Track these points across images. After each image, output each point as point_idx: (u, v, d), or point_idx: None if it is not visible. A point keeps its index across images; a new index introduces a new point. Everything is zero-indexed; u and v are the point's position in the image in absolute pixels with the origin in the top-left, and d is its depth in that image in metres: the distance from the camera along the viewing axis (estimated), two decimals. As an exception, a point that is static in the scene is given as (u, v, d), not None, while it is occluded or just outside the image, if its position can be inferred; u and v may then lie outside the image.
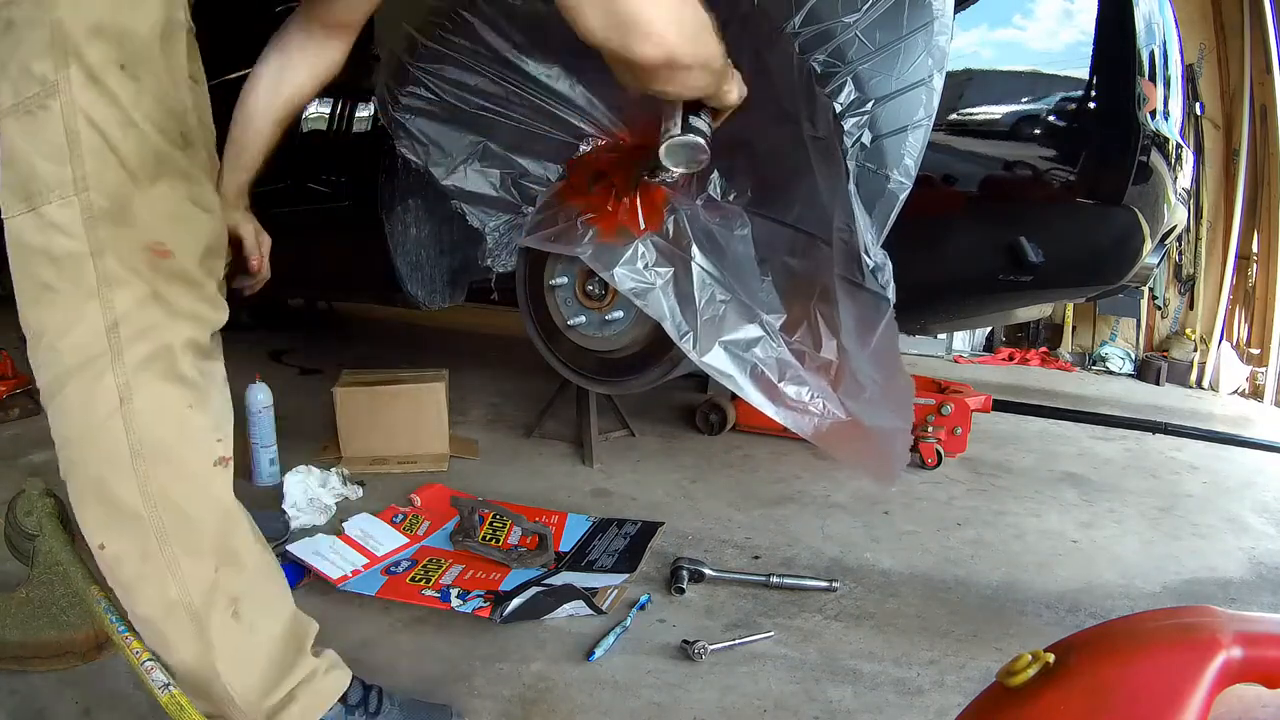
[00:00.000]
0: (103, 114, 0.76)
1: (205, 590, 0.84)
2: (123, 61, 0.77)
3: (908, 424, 1.26)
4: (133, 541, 0.82)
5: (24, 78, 0.74)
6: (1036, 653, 0.50)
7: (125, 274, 0.79)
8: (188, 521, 0.83)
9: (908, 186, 1.19)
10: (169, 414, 0.83)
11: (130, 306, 0.79)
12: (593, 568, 1.48)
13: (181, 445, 0.84)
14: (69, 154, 0.76)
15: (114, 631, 0.94)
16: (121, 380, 0.79)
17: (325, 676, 0.94)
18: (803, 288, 1.40)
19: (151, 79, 0.79)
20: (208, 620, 0.84)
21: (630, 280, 1.48)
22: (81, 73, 0.74)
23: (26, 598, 1.13)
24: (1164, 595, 1.53)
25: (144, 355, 0.80)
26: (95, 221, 0.77)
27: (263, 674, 0.88)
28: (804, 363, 1.38)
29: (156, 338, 0.81)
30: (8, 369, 2.48)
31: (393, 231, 1.98)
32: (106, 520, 0.83)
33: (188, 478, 0.84)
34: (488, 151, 1.72)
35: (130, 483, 0.81)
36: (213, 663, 0.85)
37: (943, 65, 1.16)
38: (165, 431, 0.82)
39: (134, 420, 0.80)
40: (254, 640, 0.88)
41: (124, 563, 0.83)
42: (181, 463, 0.84)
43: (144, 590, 0.84)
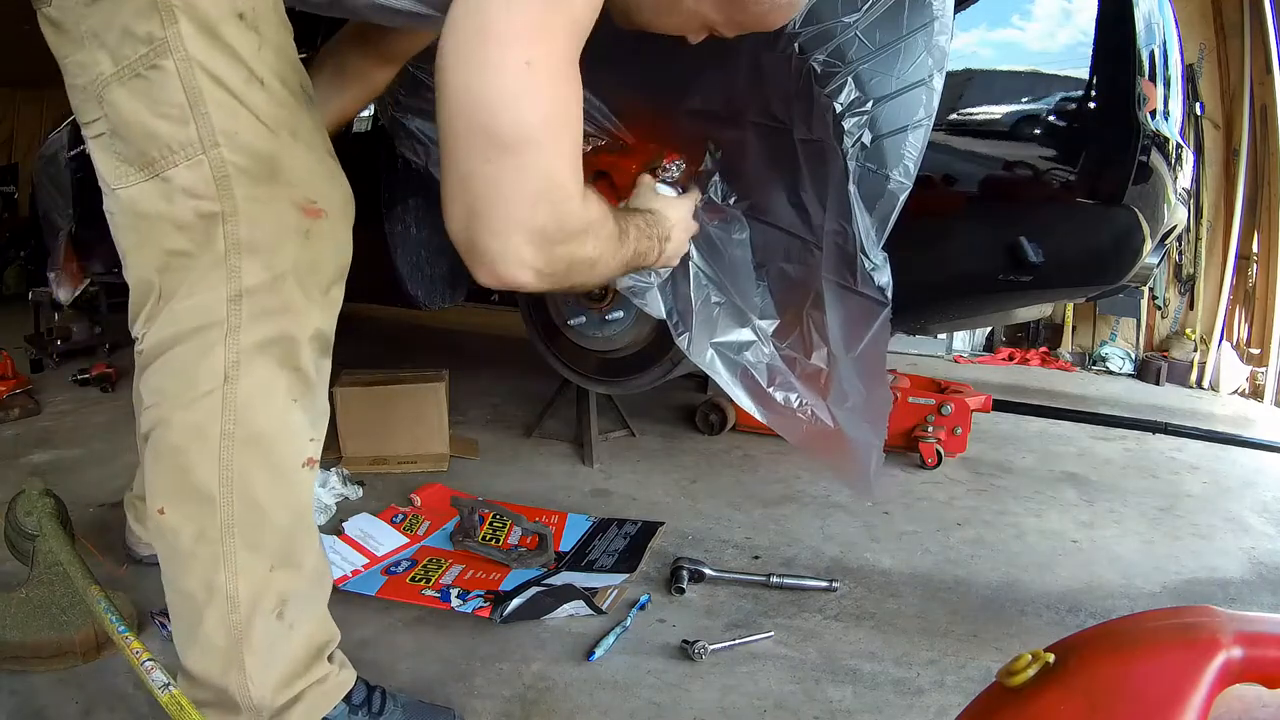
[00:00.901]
0: (225, 67, 0.71)
1: (255, 587, 0.81)
2: (241, 10, 0.71)
3: (880, 439, 1.25)
4: (195, 520, 0.79)
5: (126, 41, 0.69)
6: (1036, 653, 0.50)
7: (261, 240, 0.74)
8: (259, 516, 0.80)
9: (908, 187, 1.18)
10: (273, 404, 0.79)
11: (261, 280, 0.75)
12: (593, 568, 1.48)
13: (276, 439, 0.80)
14: (192, 112, 0.70)
15: (114, 631, 0.94)
16: (232, 358, 0.75)
17: (337, 676, 0.94)
18: (797, 293, 1.40)
19: (271, 29, 0.74)
20: (251, 615, 0.82)
21: (629, 279, 1.48)
22: (193, 25, 0.69)
23: (26, 598, 1.13)
24: (1164, 595, 1.53)
25: (263, 337, 0.76)
26: (230, 180, 0.72)
27: (283, 674, 0.86)
28: (795, 369, 1.38)
29: (281, 322, 0.77)
30: (8, 369, 2.48)
31: (393, 231, 1.97)
32: (174, 490, 0.79)
33: (273, 473, 0.80)
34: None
35: (211, 463, 0.77)
36: (241, 655, 0.83)
37: (943, 65, 1.16)
38: (264, 421, 0.78)
39: (234, 401, 0.76)
40: (287, 642, 0.86)
41: (180, 535, 0.80)
42: (271, 456, 0.80)
43: (192, 568, 0.81)
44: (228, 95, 0.71)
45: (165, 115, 0.70)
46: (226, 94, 0.71)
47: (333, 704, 0.92)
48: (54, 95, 1.04)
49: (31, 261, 4.85)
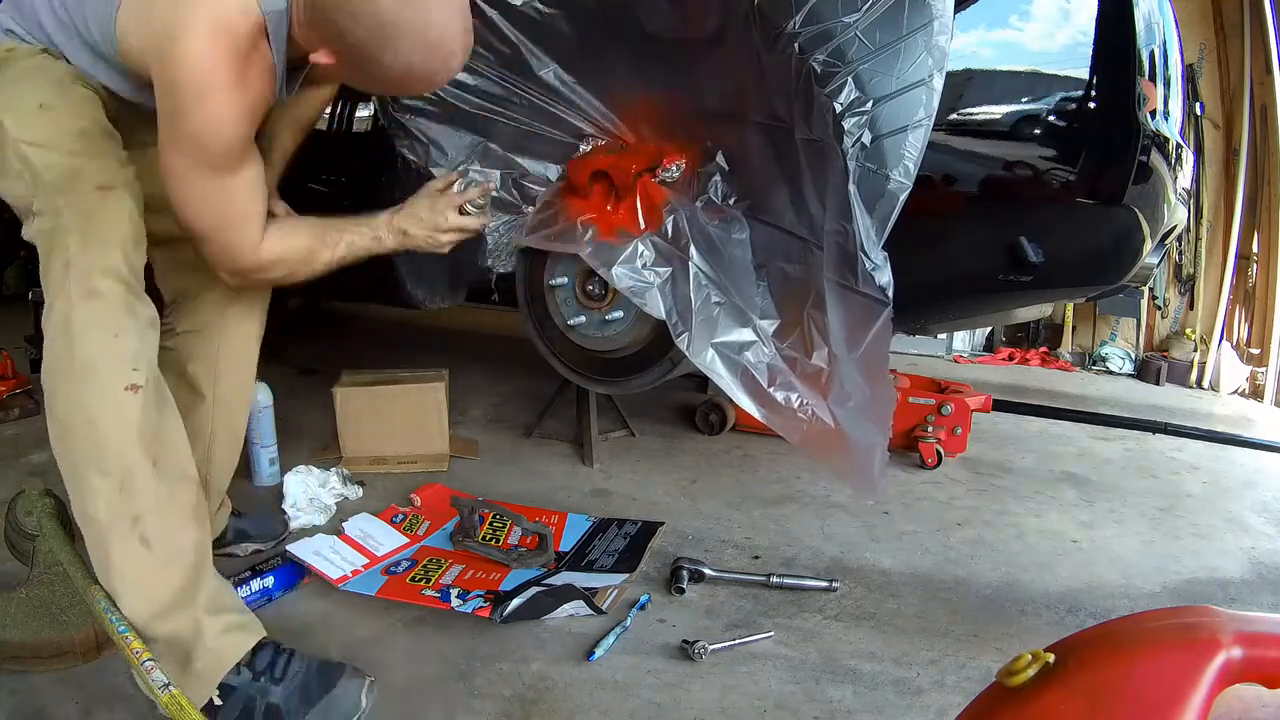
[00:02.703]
0: (34, 134, 1.01)
1: (106, 504, 0.95)
2: (40, 103, 1.03)
3: (885, 439, 1.25)
4: (62, 447, 0.96)
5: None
6: (1036, 653, 0.50)
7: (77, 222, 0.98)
8: (95, 437, 0.95)
9: (908, 187, 1.18)
10: (94, 339, 0.96)
11: (79, 249, 0.98)
12: (593, 568, 1.48)
13: (100, 368, 0.96)
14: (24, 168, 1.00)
15: (114, 631, 0.94)
16: (67, 309, 0.96)
17: (223, 636, 1.00)
18: (798, 293, 1.40)
19: (64, 106, 1.05)
20: (109, 533, 0.96)
21: (629, 279, 1.48)
22: (12, 120, 1.01)
23: (26, 598, 1.13)
24: (1164, 595, 1.53)
25: (79, 283, 0.96)
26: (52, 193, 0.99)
27: (159, 602, 0.96)
28: (795, 369, 1.38)
29: (89, 271, 0.97)
30: (8, 369, 2.48)
31: (393, 231, 1.97)
32: (52, 427, 0.97)
33: (102, 398, 0.96)
34: (488, 151, 1.72)
35: (62, 397, 0.96)
36: (110, 578, 0.96)
37: (943, 65, 1.16)
38: (88, 353, 0.96)
39: (71, 341, 0.95)
40: (157, 568, 0.97)
41: (63, 464, 0.97)
42: (99, 384, 0.96)
43: (72, 491, 0.97)
44: (38, 150, 1.01)
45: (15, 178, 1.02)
46: (38, 150, 1.01)
47: (228, 663, 1.00)
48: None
49: (32, 261, 4.83)
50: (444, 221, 1.37)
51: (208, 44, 0.97)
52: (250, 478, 1.86)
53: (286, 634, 1.25)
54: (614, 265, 1.48)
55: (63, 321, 0.96)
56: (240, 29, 0.99)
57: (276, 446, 1.89)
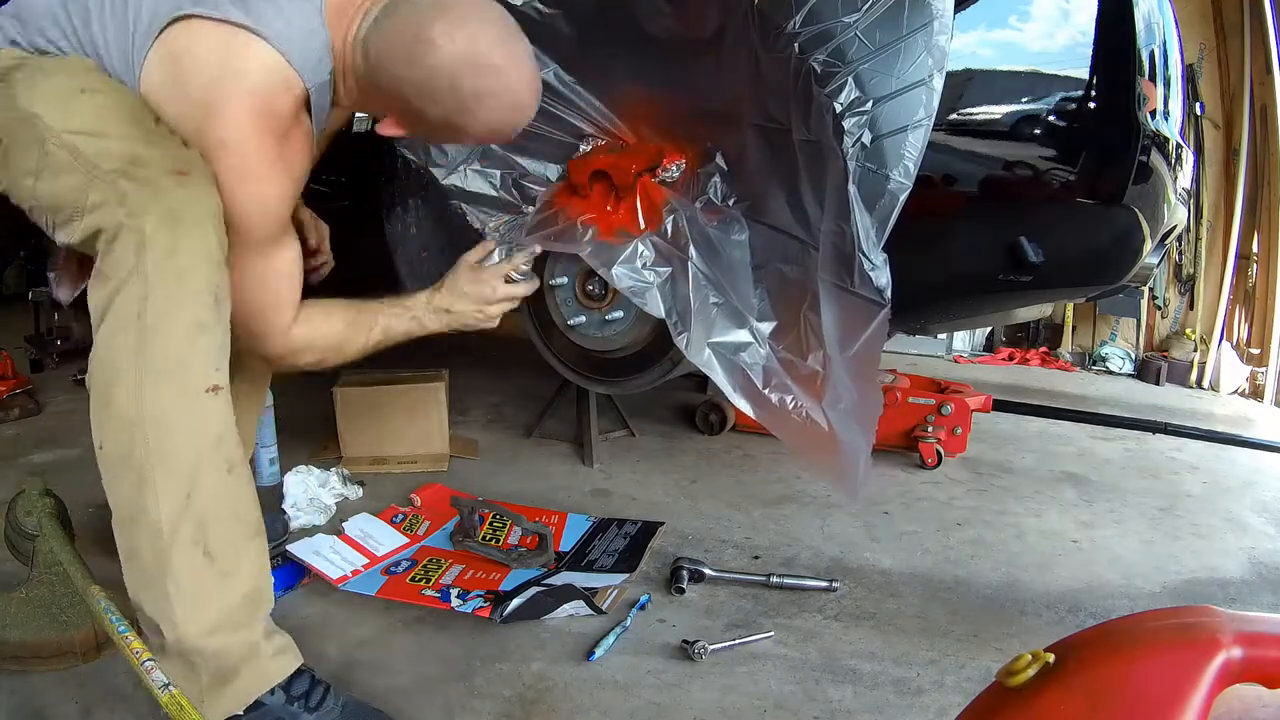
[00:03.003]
0: (80, 122, 0.90)
1: (174, 511, 0.88)
2: (82, 87, 0.92)
3: (869, 443, 1.25)
4: (120, 445, 0.88)
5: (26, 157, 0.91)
6: (1036, 653, 0.50)
7: (146, 204, 0.87)
8: (169, 441, 0.88)
9: (908, 187, 1.18)
10: (175, 333, 0.88)
11: (156, 227, 0.86)
12: (593, 568, 1.48)
13: (179, 368, 0.89)
14: (75, 161, 0.89)
15: (114, 631, 0.94)
16: (141, 295, 0.86)
17: (272, 658, 0.96)
18: (795, 295, 1.40)
19: (110, 89, 0.94)
20: (173, 541, 0.88)
21: (629, 279, 1.48)
22: (54, 109, 0.90)
23: (26, 598, 1.13)
24: (1164, 595, 1.53)
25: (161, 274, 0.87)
26: (115, 180, 0.88)
27: (212, 618, 0.91)
28: (791, 372, 1.38)
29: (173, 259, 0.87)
30: (8, 369, 2.48)
31: (393, 231, 1.98)
32: (103, 422, 0.90)
33: (180, 400, 0.89)
34: (488, 151, 1.72)
35: (127, 394, 0.87)
36: (165, 584, 0.89)
37: (943, 65, 1.16)
38: (167, 351, 0.87)
39: (146, 336, 0.86)
40: (215, 583, 0.91)
41: (111, 463, 0.90)
42: (176, 385, 0.89)
43: (121, 490, 0.90)
44: (88, 139, 0.89)
45: (66, 172, 0.89)
46: (87, 138, 0.89)
47: (270, 684, 0.94)
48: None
49: (31, 261, 4.83)
50: (491, 294, 1.32)
51: (249, 124, 0.91)
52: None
53: (287, 633, 1.25)
54: (614, 265, 1.48)
55: (135, 307, 0.86)
56: (284, 107, 0.94)
57: (276, 446, 1.88)
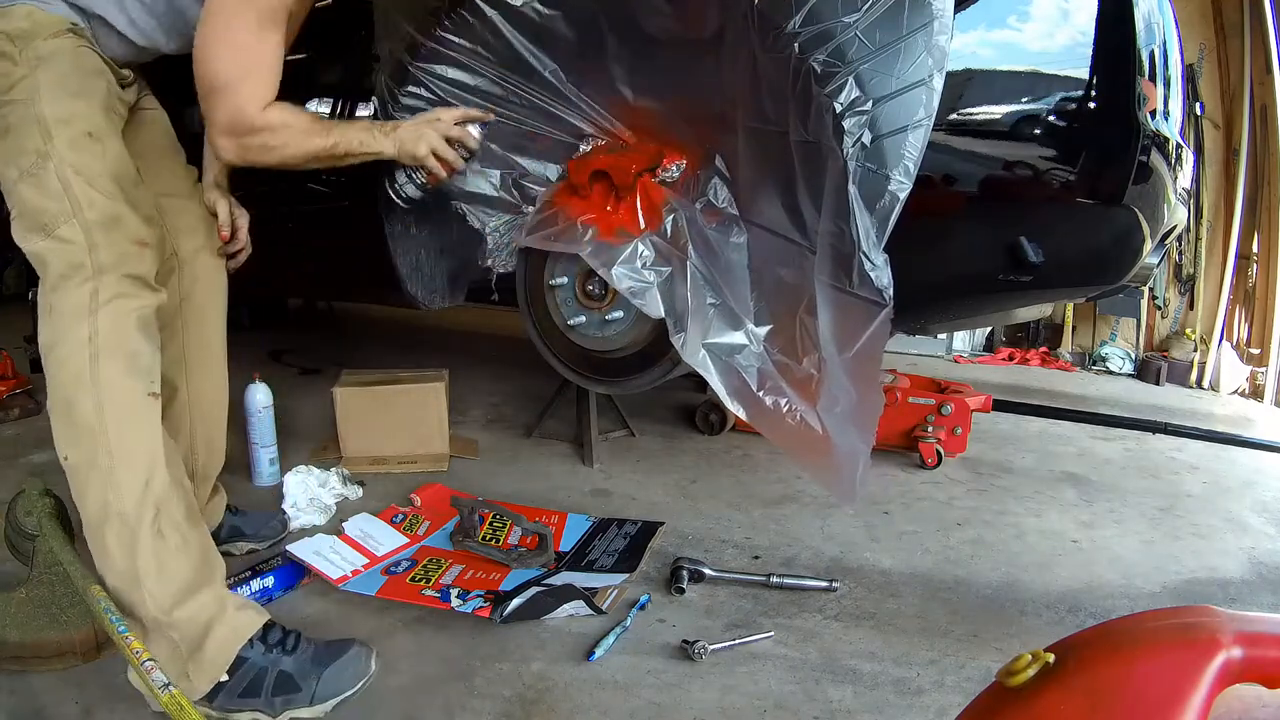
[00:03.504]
0: (82, 164, 1.07)
1: (137, 499, 1.03)
2: (89, 130, 1.09)
3: (868, 445, 1.25)
4: (85, 452, 1.04)
5: (23, 154, 1.06)
6: (1036, 653, 0.50)
7: (111, 261, 1.07)
8: (126, 441, 1.05)
9: (908, 187, 1.18)
10: (120, 359, 1.06)
11: (110, 283, 1.07)
12: (593, 568, 1.48)
13: (126, 380, 1.07)
14: (65, 193, 1.06)
15: (114, 631, 0.94)
16: (93, 329, 1.05)
17: (239, 612, 1.08)
18: (791, 298, 1.40)
19: (111, 138, 1.13)
20: (139, 527, 1.03)
21: (629, 279, 1.48)
22: (64, 140, 1.07)
23: (26, 598, 1.13)
24: (1164, 595, 1.53)
25: (110, 315, 1.06)
26: (90, 230, 1.07)
27: (177, 586, 1.03)
28: (786, 375, 1.38)
29: (123, 304, 1.08)
30: (8, 369, 2.48)
31: (393, 231, 1.97)
32: (67, 434, 1.05)
33: (130, 406, 1.06)
34: (488, 151, 1.72)
35: (89, 404, 1.04)
36: (136, 568, 1.02)
37: (943, 65, 1.16)
38: (115, 369, 1.06)
39: (98, 359, 1.05)
40: (171, 555, 1.05)
41: (78, 470, 1.04)
42: (127, 395, 1.06)
43: (91, 494, 1.04)
44: (83, 180, 1.07)
45: (49, 197, 1.06)
46: (82, 180, 1.07)
47: (242, 640, 1.06)
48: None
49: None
50: (438, 126, 1.42)
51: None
52: (250, 478, 1.86)
53: (286, 634, 1.25)
54: (614, 265, 1.48)
55: (86, 341, 1.05)
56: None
57: (276, 446, 1.89)
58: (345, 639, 1.14)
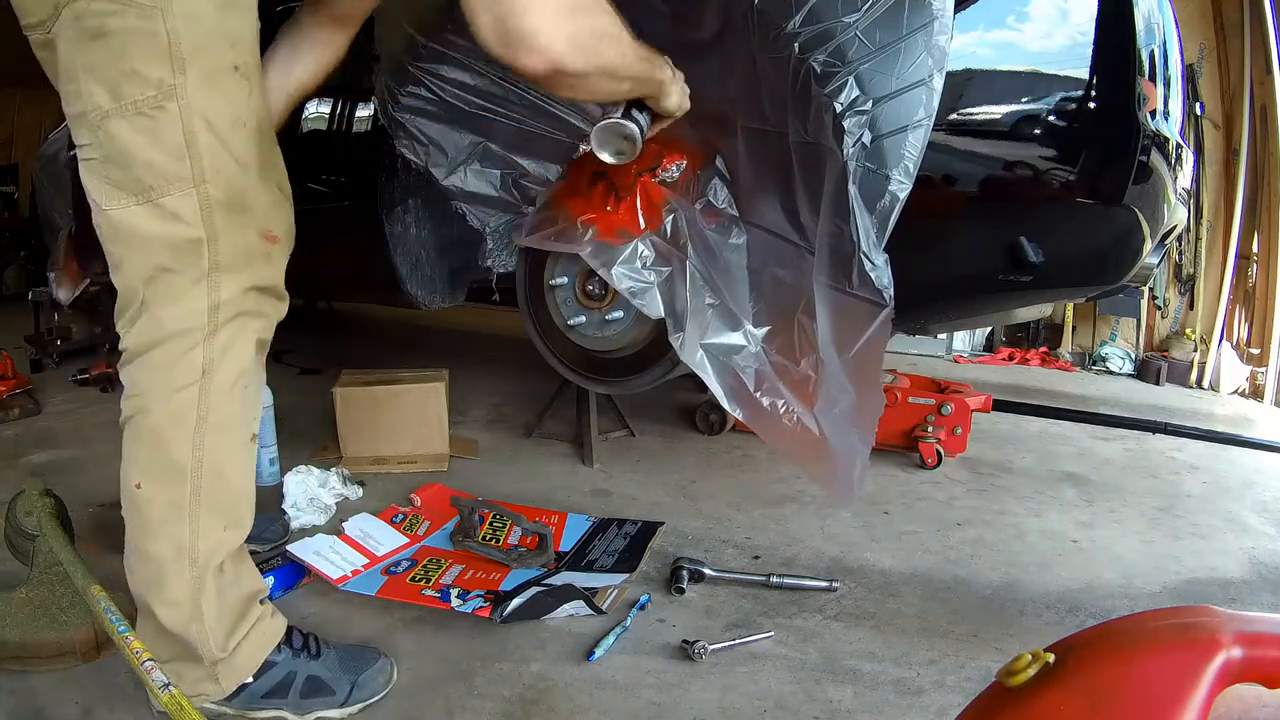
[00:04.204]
0: (218, 114, 0.84)
1: (212, 546, 0.95)
2: (236, 63, 0.85)
3: (868, 445, 1.25)
4: (168, 490, 0.93)
5: (132, 80, 0.79)
6: (1036, 653, 0.50)
7: (235, 261, 0.89)
8: (223, 485, 0.95)
9: (908, 187, 1.18)
10: (236, 395, 0.94)
11: (233, 295, 0.90)
12: (593, 568, 1.48)
13: (237, 423, 0.96)
14: (188, 151, 0.82)
15: (114, 631, 0.94)
16: (209, 358, 0.90)
17: (272, 620, 1.07)
18: (789, 299, 1.40)
19: (258, 78, 0.89)
20: (206, 570, 0.95)
21: (628, 279, 1.48)
22: (199, 74, 0.81)
23: (26, 598, 1.13)
24: (1164, 595, 1.53)
25: (230, 339, 0.91)
26: (212, 211, 0.86)
27: (230, 622, 1.00)
28: (783, 376, 1.38)
29: (248, 327, 0.93)
30: (8, 369, 2.48)
31: (393, 231, 1.98)
32: (151, 467, 0.93)
33: (234, 450, 0.97)
34: (488, 151, 1.72)
35: (187, 444, 0.91)
36: (200, 608, 0.96)
37: (943, 65, 1.16)
38: (229, 409, 0.94)
39: (209, 393, 0.91)
40: (229, 592, 1.00)
41: (154, 505, 0.93)
42: (233, 436, 0.96)
43: (163, 532, 0.94)
44: (215, 140, 0.84)
45: (164, 151, 0.82)
46: (214, 138, 0.84)
47: (271, 645, 1.05)
48: (54, 95, 1.06)
49: (31, 261, 4.85)
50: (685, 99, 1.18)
51: None
52: (250, 478, 1.86)
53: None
54: (614, 265, 1.48)
55: (197, 372, 0.90)
56: None
57: (276, 446, 1.89)
58: (364, 646, 1.16)
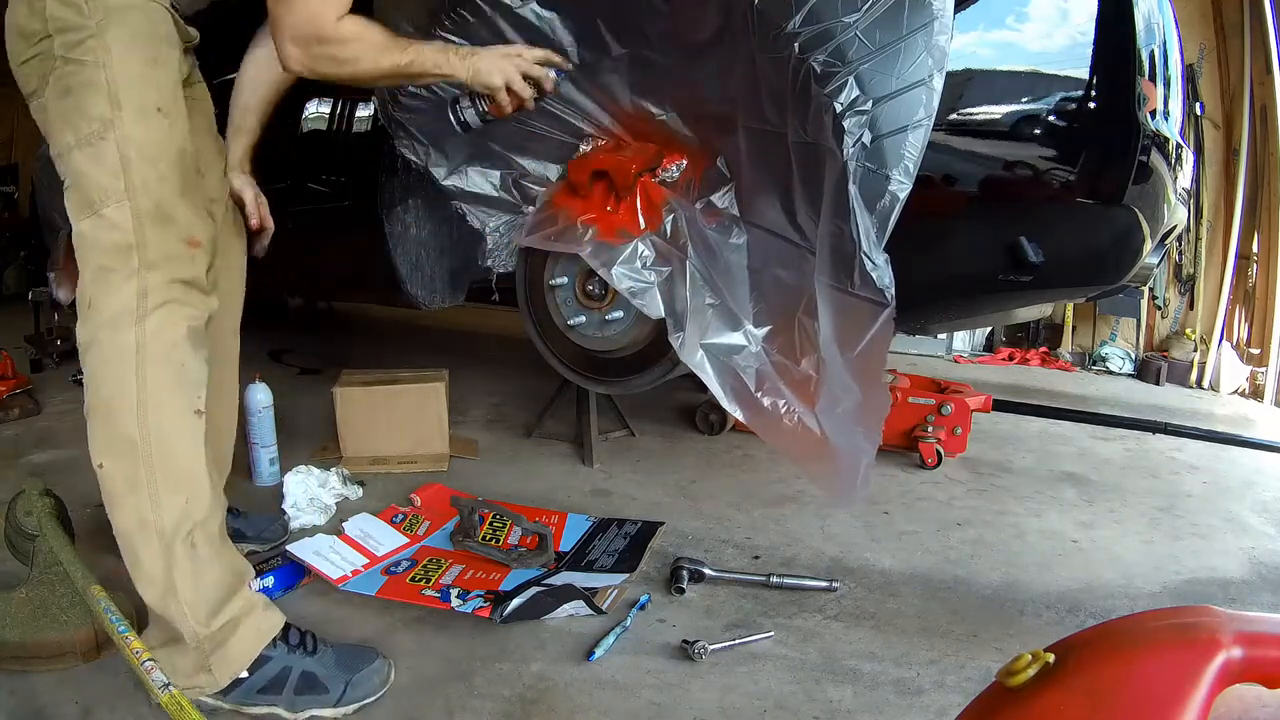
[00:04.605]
0: (145, 143, 1.01)
1: (176, 518, 1.01)
2: (159, 105, 1.03)
3: (874, 445, 1.24)
4: (124, 465, 1.01)
5: (85, 119, 0.99)
6: (1036, 653, 0.50)
7: (160, 261, 1.02)
8: (170, 459, 1.02)
9: (908, 187, 1.18)
10: (170, 372, 1.03)
11: (159, 285, 1.02)
12: (593, 568, 1.48)
13: (174, 394, 1.04)
14: (122, 171, 1.00)
15: (114, 631, 0.94)
16: (140, 340, 1.00)
17: (265, 612, 1.10)
18: (790, 299, 1.40)
19: (178, 116, 1.06)
20: (173, 542, 1.01)
21: (628, 279, 1.48)
22: (131, 113, 1.00)
23: (26, 598, 1.13)
24: (1164, 595, 1.53)
25: (159, 322, 1.02)
26: (141, 220, 1.01)
27: (211, 600, 1.03)
28: (784, 376, 1.38)
29: (174, 312, 1.03)
30: (8, 369, 2.48)
31: (393, 231, 1.98)
32: (107, 443, 1.02)
33: (177, 423, 1.04)
34: (488, 151, 1.72)
35: (132, 419, 1.00)
36: (174, 582, 1.01)
37: (943, 65, 1.16)
38: (165, 385, 1.02)
39: (145, 369, 1.01)
40: (206, 569, 1.04)
41: (115, 480, 1.01)
42: (173, 411, 1.03)
43: (126, 505, 1.01)
44: (144, 162, 1.01)
45: (105, 171, 1.00)
46: (143, 162, 1.01)
47: (267, 639, 1.07)
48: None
49: (31, 261, 4.85)
50: (517, 60, 1.35)
51: None
52: (250, 478, 1.86)
53: (286, 634, 1.25)
54: (614, 265, 1.48)
55: (133, 350, 1.00)
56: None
57: (276, 446, 1.89)
58: (362, 645, 1.17)
